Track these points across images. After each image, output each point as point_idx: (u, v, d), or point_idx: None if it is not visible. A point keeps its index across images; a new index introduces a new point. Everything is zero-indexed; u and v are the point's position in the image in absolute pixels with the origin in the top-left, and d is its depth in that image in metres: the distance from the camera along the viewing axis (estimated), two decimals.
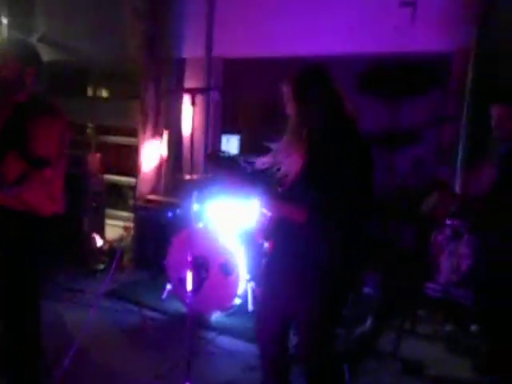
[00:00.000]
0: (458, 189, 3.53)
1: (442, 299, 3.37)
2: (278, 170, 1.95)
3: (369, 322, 3.17)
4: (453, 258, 3.40)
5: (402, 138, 3.42)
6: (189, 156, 4.80)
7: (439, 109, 3.77)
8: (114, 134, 5.80)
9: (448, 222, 3.39)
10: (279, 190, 1.96)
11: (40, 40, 5.78)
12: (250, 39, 4.53)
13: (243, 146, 4.45)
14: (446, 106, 3.82)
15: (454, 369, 2.80)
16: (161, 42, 4.73)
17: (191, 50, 4.84)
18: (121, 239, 4.62)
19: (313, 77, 1.88)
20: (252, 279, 3.28)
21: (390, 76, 3.75)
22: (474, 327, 3.13)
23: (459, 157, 3.59)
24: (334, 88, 1.87)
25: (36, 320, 2.34)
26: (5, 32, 5.93)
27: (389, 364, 2.81)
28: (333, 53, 3.99)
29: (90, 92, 6.31)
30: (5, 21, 5.88)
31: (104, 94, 6.93)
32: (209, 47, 4.76)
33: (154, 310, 3.38)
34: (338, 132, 1.85)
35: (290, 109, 1.90)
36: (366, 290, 3.58)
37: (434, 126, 3.57)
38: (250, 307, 3.27)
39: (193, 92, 3.75)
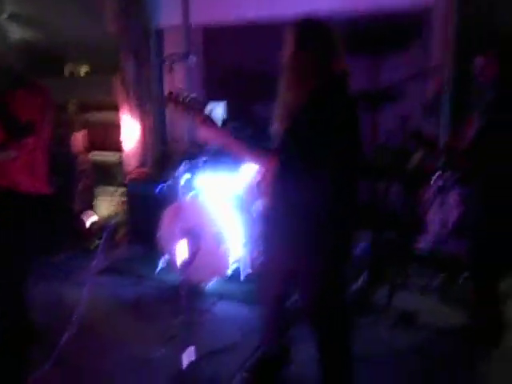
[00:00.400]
0: (443, 141, 3.56)
1: (432, 253, 3.45)
2: None
3: (362, 279, 3.25)
4: (441, 211, 3.46)
5: (384, 95, 3.40)
6: (173, 127, 4.77)
7: (422, 63, 3.75)
8: (98, 111, 5.71)
9: (435, 176, 3.43)
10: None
11: (9, 18, 5.58)
12: (228, 4, 4.42)
13: (229, 113, 4.42)
14: (429, 59, 3.81)
15: (446, 318, 2.89)
16: (136, 12, 4.60)
17: (169, 19, 4.72)
18: (114, 215, 4.62)
19: (316, 26, 1.88)
20: (247, 243, 3.31)
21: (369, 34, 3.71)
22: (464, 275, 3.21)
23: (445, 109, 3.61)
24: (333, 42, 1.86)
25: (20, 297, 2.32)
26: None
27: (383, 317, 2.90)
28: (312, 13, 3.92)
29: (67, 69, 6.16)
30: None
31: (83, 70, 6.77)
32: (186, 15, 4.64)
33: (150, 282, 3.42)
34: (330, 86, 1.85)
35: (289, 57, 1.88)
36: (359, 248, 3.65)
37: (417, 79, 3.54)
38: (247, 271, 3.33)
39: (170, 59, 3.67)
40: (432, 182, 3.41)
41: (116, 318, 2.98)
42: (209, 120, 1.97)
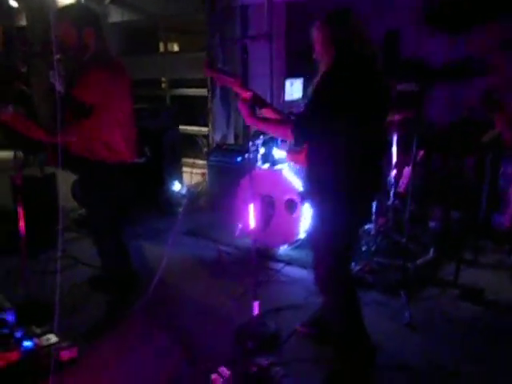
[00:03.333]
0: None
1: (509, 230, 3.34)
2: None
3: (430, 253, 3.27)
4: None
5: (468, 68, 3.30)
6: None
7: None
8: (187, 87, 6.12)
9: None
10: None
11: (112, 2, 6.13)
12: None
13: (306, 89, 4.53)
14: None
15: None
16: None
17: None
18: (197, 185, 5.02)
19: (341, 17, 1.98)
20: None
21: (456, 5, 3.57)
22: None
23: None
24: (358, 30, 1.96)
25: (116, 248, 2.77)
26: None
27: (448, 291, 2.93)
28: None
29: (161, 48, 6.63)
30: None
31: (175, 48, 7.22)
32: None
33: (228, 245, 3.74)
34: (359, 70, 1.93)
35: (321, 48, 2.00)
36: (431, 223, 3.64)
37: (504, 52, 3.38)
38: None
39: (254, 39, 3.87)
40: None
41: (196, 274, 3.34)
42: (247, 101, 2.13)
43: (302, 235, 3.50)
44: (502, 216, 3.39)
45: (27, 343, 2.25)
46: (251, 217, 2.47)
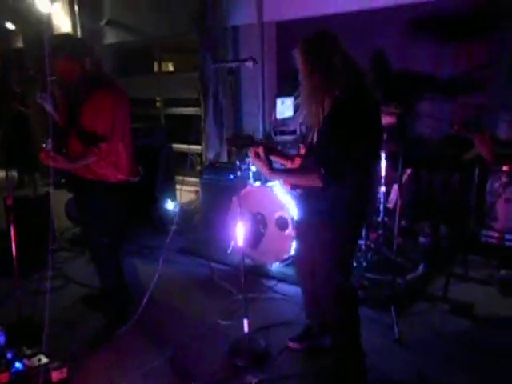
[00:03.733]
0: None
1: (497, 245, 3.38)
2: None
3: (420, 269, 3.30)
4: (509, 204, 3.38)
5: (449, 85, 3.38)
6: (248, 122, 5.07)
7: (499, 51, 3.64)
8: (179, 106, 6.21)
9: (504, 168, 3.36)
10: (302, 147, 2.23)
11: (107, 24, 6.25)
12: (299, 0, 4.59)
13: (297, 108, 4.62)
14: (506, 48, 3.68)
15: (504, 310, 2.87)
16: (213, 11, 4.92)
17: (243, 16, 5.00)
18: (191, 202, 5.06)
19: (324, 40, 2.00)
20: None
21: (445, 19, 3.68)
22: None
23: None
24: (342, 48, 1.99)
25: (116, 266, 2.80)
26: (76, 18, 6.49)
27: (438, 306, 2.95)
28: (388, 4, 3.99)
29: (155, 68, 6.74)
30: (76, 8, 6.42)
31: (170, 67, 7.34)
32: (260, 13, 4.88)
33: (220, 263, 3.76)
34: (351, 94, 1.97)
35: (302, 71, 2.04)
36: (421, 239, 3.68)
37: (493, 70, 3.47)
38: None
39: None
40: (501, 174, 3.35)
41: (188, 292, 3.35)
42: (259, 157, 2.15)
43: (293, 252, 3.53)
44: (490, 231, 3.44)
45: (18, 364, 2.26)
46: (239, 234, 2.50)
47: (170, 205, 4.59)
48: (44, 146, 2.48)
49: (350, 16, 4.29)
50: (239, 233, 2.51)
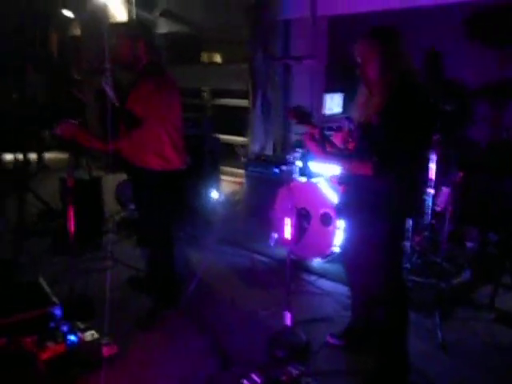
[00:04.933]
0: None
1: None
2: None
3: (466, 274, 3.24)
4: None
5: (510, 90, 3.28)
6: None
7: None
8: (226, 97, 6.28)
9: None
10: (349, 140, 2.23)
11: (161, 15, 6.39)
12: None
13: (346, 104, 4.59)
14: None
15: None
16: (265, 3, 4.94)
17: (296, 10, 4.99)
18: (235, 193, 5.14)
19: (391, 33, 2.05)
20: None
21: (500, 21, 3.55)
22: None
23: None
24: (403, 49, 2.03)
25: (169, 252, 2.91)
26: (133, 9, 6.66)
27: (483, 314, 2.89)
28: (437, 2, 3.88)
29: (204, 58, 6.84)
30: None
31: (218, 59, 7.42)
32: (313, 7, 4.86)
33: (262, 254, 3.82)
34: (408, 90, 2.01)
35: (369, 64, 2.05)
36: (468, 244, 3.60)
37: None
38: None
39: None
40: None
41: (229, 282, 3.43)
42: (314, 139, 2.25)
43: (336, 248, 3.54)
44: None
45: (72, 337, 2.39)
46: (287, 229, 2.53)
47: (214, 194, 4.67)
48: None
49: (400, 13, 4.21)
50: (286, 226, 2.55)
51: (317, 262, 3.62)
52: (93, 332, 2.51)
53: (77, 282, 2.94)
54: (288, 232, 2.56)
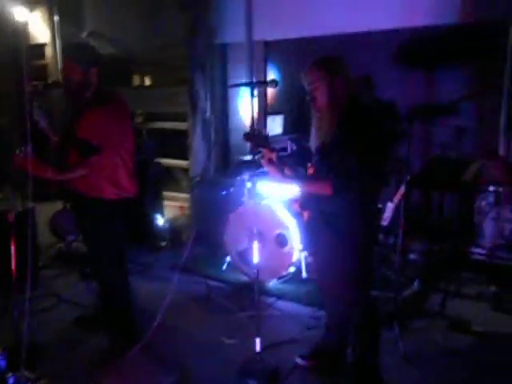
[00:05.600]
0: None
1: (486, 262, 3.54)
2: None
3: (415, 285, 3.40)
4: (496, 223, 3.55)
5: (440, 110, 3.55)
6: (235, 138, 5.10)
7: (480, 78, 3.87)
8: (159, 120, 6.15)
9: (491, 188, 3.53)
10: (311, 162, 2.30)
11: (89, 35, 6.15)
12: (289, 20, 4.69)
13: (286, 126, 4.70)
14: (487, 76, 3.91)
15: (499, 326, 2.99)
16: (204, 29, 4.95)
17: (233, 35, 5.05)
18: (177, 219, 5.00)
19: (339, 61, 2.20)
20: (304, 248, 3.55)
21: (426, 47, 3.87)
22: None
23: (501, 125, 3.70)
24: (348, 75, 2.19)
25: (125, 284, 2.74)
26: (57, 29, 6.35)
27: (437, 322, 3.03)
28: (373, 29, 4.13)
29: (136, 81, 6.67)
30: (56, 18, 6.29)
31: (148, 81, 7.27)
32: (249, 31, 4.95)
33: (216, 280, 3.73)
34: (357, 111, 2.14)
35: (319, 91, 2.15)
36: (412, 256, 3.79)
37: (473, 98, 3.67)
38: (304, 274, 3.56)
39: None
40: (488, 193, 3.52)
41: (186, 310, 3.29)
42: (272, 162, 2.29)
43: (291, 269, 3.55)
44: (479, 248, 3.59)
45: None
46: (255, 253, 2.50)
47: (159, 220, 4.51)
48: (18, 151, 2.40)
49: (336, 38, 4.43)
50: (253, 251, 2.52)
51: (273, 284, 3.61)
52: (45, 381, 2.27)
53: (18, 325, 2.64)
54: (255, 256, 2.52)
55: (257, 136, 2.42)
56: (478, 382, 2.50)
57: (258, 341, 2.51)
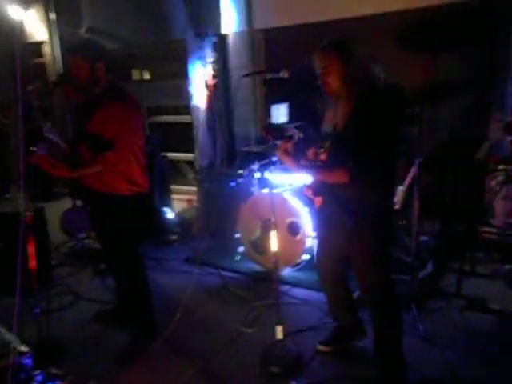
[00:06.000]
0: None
1: (498, 241, 3.55)
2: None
3: (430, 267, 3.42)
4: (507, 201, 3.56)
5: (446, 91, 3.53)
6: (241, 128, 5.09)
7: (487, 58, 3.84)
8: (160, 114, 6.14)
9: (500, 167, 3.53)
10: (320, 152, 2.27)
11: (87, 31, 6.10)
12: (289, 7, 4.66)
13: (292, 114, 4.67)
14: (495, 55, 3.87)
15: None
16: (204, 19, 4.91)
17: (232, 24, 5.01)
18: (186, 212, 5.00)
19: (350, 44, 2.15)
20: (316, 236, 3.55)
21: (430, 28, 3.83)
22: None
23: (508, 104, 3.69)
24: (360, 57, 2.16)
25: (143, 278, 2.76)
26: (54, 27, 6.30)
27: (453, 302, 3.06)
28: (377, 12, 4.11)
29: (135, 75, 6.62)
30: (53, 16, 6.23)
31: (148, 75, 7.23)
32: (249, 20, 4.92)
33: (230, 270, 3.74)
34: (373, 95, 2.12)
35: (331, 75, 2.12)
36: (423, 238, 3.80)
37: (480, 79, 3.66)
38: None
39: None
40: (498, 172, 3.52)
41: (204, 302, 3.31)
42: (288, 152, 2.26)
43: (305, 257, 3.57)
44: (490, 228, 3.60)
45: None
46: (272, 241, 2.51)
47: (169, 214, 4.52)
48: (34, 149, 2.39)
49: (336, 23, 4.40)
50: (270, 240, 2.53)
51: (287, 272, 3.62)
52: (72, 378, 2.30)
53: (40, 324, 2.67)
54: (273, 244, 2.54)
55: (275, 130, 2.42)
56: (498, 359, 2.52)
57: (279, 329, 2.52)
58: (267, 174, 3.94)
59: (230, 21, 4.98)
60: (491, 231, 3.61)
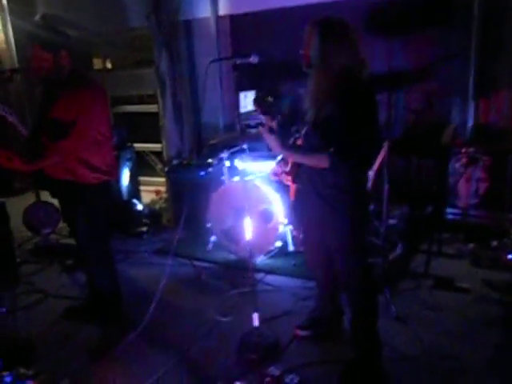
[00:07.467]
0: (470, 118, 3.77)
1: (462, 221, 3.68)
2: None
3: (399, 249, 3.50)
4: (470, 183, 3.68)
5: (410, 76, 3.60)
6: (207, 118, 5.03)
7: (447, 42, 3.93)
8: (123, 104, 5.99)
9: (463, 149, 3.65)
10: (304, 130, 2.24)
11: (42, 18, 5.83)
12: None
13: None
14: (452, 40, 3.97)
15: (480, 281, 3.13)
16: (167, 5, 4.79)
17: (197, 10, 4.92)
18: (154, 203, 4.91)
19: (338, 24, 2.06)
20: (289, 223, 3.57)
21: (393, 14, 3.89)
22: (495, 243, 3.44)
23: (470, 87, 3.79)
24: (352, 37, 2.05)
25: (112, 270, 2.72)
26: (6, 16, 5.99)
27: (423, 282, 3.15)
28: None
29: (97, 64, 6.41)
30: (4, 1, 5.92)
31: (110, 64, 7.02)
32: (215, 6, 4.83)
33: (203, 260, 3.71)
34: (353, 79, 2.05)
35: (309, 46, 2.06)
36: (392, 221, 3.89)
37: (442, 63, 3.73)
38: (291, 247, 3.60)
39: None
40: (461, 155, 3.64)
41: (178, 293, 3.26)
42: (273, 130, 2.22)
43: (277, 244, 3.58)
44: (455, 209, 3.73)
45: None
46: (247, 229, 2.50)
47: (138, 206, 4.42)
48: None
49: (301, 9, 4.38)
50: (244, 228, 2.51)
51: (261, 259, 3.62)
52: (44, 377, 2.22)
53: (7, 323, 2.57)
54: (248, 232, 2.52)
55: (265, 102, 2.37)
56: (467, 334, 2.61)
57: (255, 316, 2.52)
58: (237, 162, 3.93)
59: (195, 7, 4.88)
60: (455, 212, 3.74)
